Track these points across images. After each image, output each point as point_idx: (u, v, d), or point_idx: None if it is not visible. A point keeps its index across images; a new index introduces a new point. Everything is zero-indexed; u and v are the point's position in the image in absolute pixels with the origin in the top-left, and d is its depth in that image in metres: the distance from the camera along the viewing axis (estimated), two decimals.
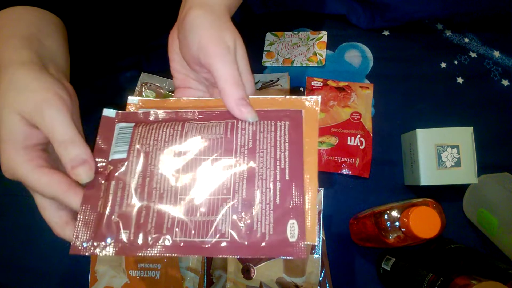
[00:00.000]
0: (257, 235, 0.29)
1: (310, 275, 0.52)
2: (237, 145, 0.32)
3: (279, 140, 0.32)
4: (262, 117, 0.33)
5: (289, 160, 0.31)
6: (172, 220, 0.30)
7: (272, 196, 0.30)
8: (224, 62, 0.32)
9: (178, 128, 0.33)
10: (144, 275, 0.53)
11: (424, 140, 0.53)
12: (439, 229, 0.42)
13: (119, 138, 0.33)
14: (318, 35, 0.65)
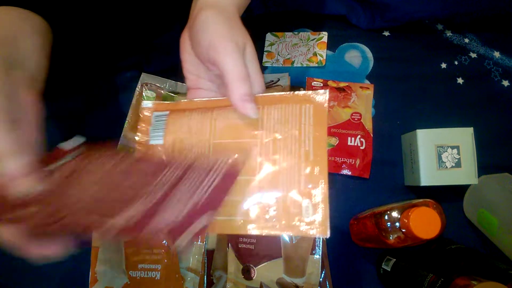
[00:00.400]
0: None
1: (310, 275, 0.52)
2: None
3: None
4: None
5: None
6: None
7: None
8: (232, 58, 0.32)
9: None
10: (144, 276, 0.53)
11: (424, 140, 0.53)
12: (439, 229, 0.42)
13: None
14: (318, 36, 0.65)
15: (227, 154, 0.33)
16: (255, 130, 0.33)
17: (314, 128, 0.33)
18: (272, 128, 0.33)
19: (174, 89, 0.61)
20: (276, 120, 0.33)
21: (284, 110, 0.34)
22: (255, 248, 0.53)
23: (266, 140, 0.33)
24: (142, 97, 0.60)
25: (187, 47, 0.37)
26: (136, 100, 0.60)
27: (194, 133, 0.34)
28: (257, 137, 0.33)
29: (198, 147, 0.34)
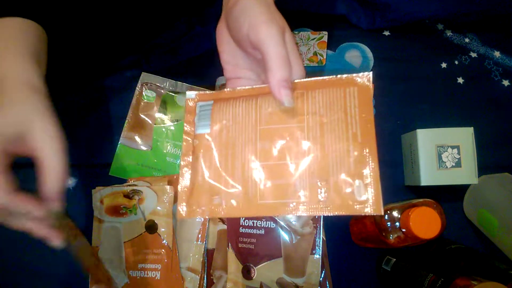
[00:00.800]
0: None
1: (310, 275, 0.52)
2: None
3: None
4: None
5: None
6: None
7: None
8: (273, 40, 0.32)
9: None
10: (144, 276, 0.53)
11: (424, 140, 0.53)
12: (440, 229, 0.42)
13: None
14: (319, 35, 0.65)
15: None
16: (301, 115, 0.34)
17: (360, 110, 0.33)
18: (318, 112, 0.33)
19: (174, 88, 0.61)
20: (321, 104, 0.34)
21: (328, 94, 0.34)
22: (255, 248, 0.53)
23: (312, 124, 0.33)
24: (142, 97, 0.60)
25: (224, 37, 0.37)
26: (136, 100, 0.60)
27: (240, 121, 0.35)
28: (303, 121, 0.33)
29: (245, 134, 0.34)
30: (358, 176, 0.32)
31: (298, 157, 0.33)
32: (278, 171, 0.33)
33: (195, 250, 0.54)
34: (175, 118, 0.60)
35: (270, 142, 0.34)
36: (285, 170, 0.33)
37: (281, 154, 0.33)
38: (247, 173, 0.33)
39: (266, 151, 0.34)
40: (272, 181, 0.33)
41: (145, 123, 0.59)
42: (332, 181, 0.32)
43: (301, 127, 0.33)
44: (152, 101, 0.60)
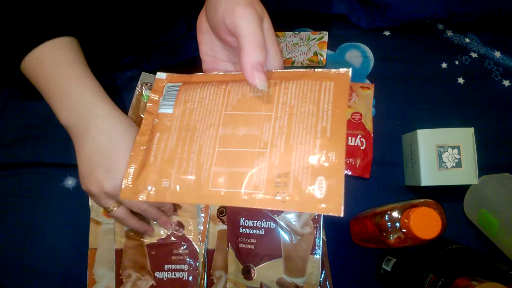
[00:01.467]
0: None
1: (310, 275, 0.52)
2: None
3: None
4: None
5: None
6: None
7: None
8: (249, 22, 0.31)
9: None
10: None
11: (425, 140, 0.53)
12: (440, 230, 0.42)
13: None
14: (319, 35, 0.65)
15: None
16: (270, 104, 0.32)
17: (334, 105, 0.31)
18: (288, 102, 0.32)
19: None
20: (293, 95, 0.32)
21: (303, 85, 0.32)
22: (255, 248, 0.53)
23: (280, 113, 0.32)
24: (142, 97, 0.60)
25: (203, 27, 0.36)
26: (136, 100, 0.60)
27: (206, 105, 0.34)
28: (271, 110, 0.32)
29: (208, 118, 0.33)
30: (321, 172, 0.29)
31: (260, 146, 0.31)
32: (236, 158, 0.31)
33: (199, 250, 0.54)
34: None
35: (232, 128, 0.32)
36: (244, 158, 0.31)
37: (242, 141, 0.31)
38: (203, 157, 0.32)
39: (227, 137, 0.32)
40: (229, 169, 0.31)
41: None
42: (292, 175, 0.30)
43: (268, 116, 0.32)
44: None
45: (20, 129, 0.60)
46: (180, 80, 0.37)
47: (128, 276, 0.52)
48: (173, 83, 0.36)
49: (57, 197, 0.57)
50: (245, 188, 0.30)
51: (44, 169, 0.58)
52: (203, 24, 0.37)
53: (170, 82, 0.37)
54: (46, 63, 0.39)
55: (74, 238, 0.56)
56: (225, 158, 0.31)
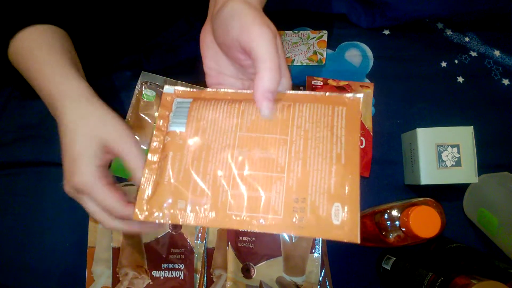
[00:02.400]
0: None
1: (310, 274, 0.52)
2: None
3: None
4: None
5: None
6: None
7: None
8: (267, 44, 0.31)
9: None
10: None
11: (424, 139, 0.53)
12: (439, 228, 0.42)
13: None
14: (319, 34, 0.65)
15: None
16: (285, 127, 0.32)
17: (347, 131, 0.32)
18: (303, 126, 0.32)
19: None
20: (307, 119, 0.32)
21: (316, 109, 0.32)
22: (255, 247, 0.53)
23: (296, 137, 0.32)
24: (141, 96, 0.60)
25: (209, 42, 0.36)
26: (135, 99, 0.60)
27: (219, 124, 0.33)
28: (287, 134, 0.32)
29: (223, 139, 0.32)
30: (338, 199, 0.30)
31: (277, 170, 0.31)
32: (253, 182, 0.31)
33: (195, 249, 0.54)
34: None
35: (248, 151, 0.32)
36: (261, 182, 0.31)
37: (259, 164, 0.31)
38: (220, 179, 0.31)
39: (244, 160, 0.32)
40: (246, 193, 0.31)
41: (145, 122, 0.59)
42: (309, 201, 0.30)
43: (284, 140, 0.32)
44: (152, 100, 0.60)
45: (20, 129, 0.60)
46: (189, 96, 0.36)
47: (125, 274, 0.52)
48: (182, 99, 0.36)
49: (57, 197, 0.57)
50: (262, 212, 0.30)
51: (44, 169, 0.58)
52: (208, 38, 0.36)
53: (179, 97, 0.36)
54: (26, 49, 0.39)
55: (73, 237, 0.56)
56: (243, 181, 0.31)
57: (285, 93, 0.34)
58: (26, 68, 0.39)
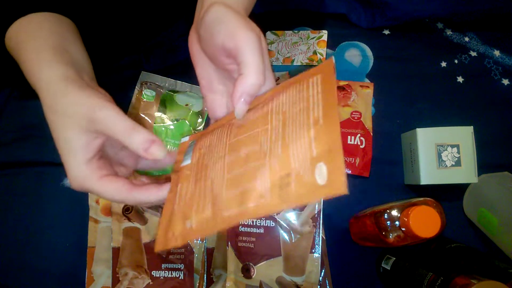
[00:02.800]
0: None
1: (310, 274, 0.52)
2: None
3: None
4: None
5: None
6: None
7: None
8: (253, 48, 0.31)
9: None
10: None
11: (424, 139, 0.53)
12: (439, 228, 0.42)
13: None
14: (319, 34, 0.65)
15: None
16: (265, 118, 0.33)
17: (323, 94, 0.31)
18: (281, 110, 0.32)
19: (174, 88, 0.61)
20: (284, 102, 0.32)
21: (292, 90, 0.33)
22: (255, 247, 0.53)
23: (275, 122, 0.32)
24: (141, 96, 0.60)
25: (196, 49, 0.36)
26: (135, 99, 0.60)
27: (214, 143, 0.35)
28: (267, 123, 0.32)
29: (217, 153, 0.34)
30: (320, 159, 0.28)
31: (260, 157, 0.31)
32: (242, 178, 0.31)
33: (195, 249, 0.54)
34: (174, 117, 0.60)
35: (236, 153, 0.33)
36: (248, 175, 0.31)
37: (244, 160, 0.32)
38: (216, 189, 0.32)
39: (232, 162, 0.32)
40: (237, 190, 0.31)
41: (144, 122, 0.59)
42: (294, 173, 0.29)
43: (265, 130, 0.32)
44: (151, 100, 0.60)
45: (20, 129, 0.60)
46: (199, 135, 0.38)
47: (124, 274, 0.52)
48: (193, 140, 0.38)
49: (57, 197, 0.57)
50: (252, 202, 0.30)
51: (44, 169, 0.58)
52: (195, 46, 0.36)
53: (192, 139, 0.39)
54: (18, 38, 0.38)
55: (73, 237, 0.56)
56: (234, 181, 0.32)
57: (267, 93, 0.35)
58: (16, 58, 0.38)
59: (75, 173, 0.34)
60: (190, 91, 0.61)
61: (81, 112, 0.33)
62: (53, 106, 0.34)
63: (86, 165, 0.34)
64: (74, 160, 0.34)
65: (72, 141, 0.34)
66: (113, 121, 0.33)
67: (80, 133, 0.34)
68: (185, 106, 0.60)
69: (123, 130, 0.33)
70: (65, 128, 0.34)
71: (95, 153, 0.35)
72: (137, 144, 0.33)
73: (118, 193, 0.34)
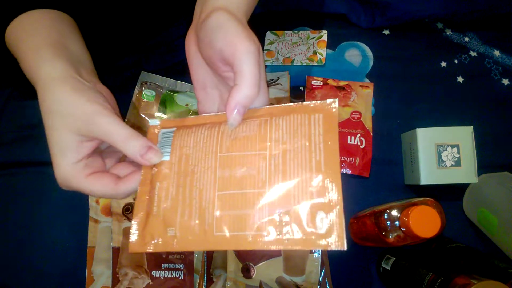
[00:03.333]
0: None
1: (310, 274, 0.52)
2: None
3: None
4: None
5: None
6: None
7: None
8: (251, 60, 0.31)
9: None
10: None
11: (424, 139, 0.53)
12: (439, 228, 0.42)
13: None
14: (318, 34, 0.65)
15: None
16: (264, 142, 0.32)
17: (325, 138, 0.31)
18: (281, 139, 0.32)
19: (174, 88, 0.61)
20: (285, 131, 0.32)
21: (293, 120, 0.33)
22: None
23: (275, 152, 0.32)
24: (141, 96, 0.60)
25: (193, 52, 0.36)
26: (135, 99, 0.60)
27: (201, 148, 0.34)
28: (265, 149, 0.32)
29: (205, 162, 0.33)
30: (321, 207, 0.30)
31: (259, 186, 0.31)
32: (237, 201, 0.31)
33: None
34: (174, 117, 0.60)
35: (230, 170, 0.32)
36: (244, 200, 0.31)
37: (240, 183, 0.31)
38: (205, 202, 0.32)
39: (226, 180, 0.32)
40: (230, 212, 0.31)
41: (145, 122, 0.59)
42: (293, 212, 0.30)
43: (263, 155, 0.32)
44: (151, 101, 0.60)
45: (20, 129, 0.60)
46: (173, 125, 0.36)
47: (124, 274, 0.52)
48: (167, 129, 0.36)
49: (57, 197, 0.57)
50: (248, 230, 0.30)
51: (43, 169, 0.58)
52: (192, 48, 0.36)
53: (164, 127, 0.37)
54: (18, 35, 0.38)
55: (73, 237, 0.56)
56: (226, 201, 0.31)
57: (260, 108, 0.34)
58: (16, 55, 0.38)
59: (63, 173, 0.34)
60: (190, 91, 0.61)
61: (78, 116, 0.33)
62: (49, 105, 0.34)
63: (74, 166, 0.34)
64: (62, 161, 0.34)
65: (64, 141, 0.34)
66: (111, 129, 0.33)
67: (74, 135, 0.34)
68: (185, 106, 0.60)
69: (121, 138, 0.33)
70: (59, 128, 0.34)
71: (86, 155, 0.35)
72: (134, 152, 0.33)
73: (105, 189, 0.34)
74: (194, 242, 0.31)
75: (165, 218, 0.32)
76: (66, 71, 0.35)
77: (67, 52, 0.37)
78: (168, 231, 0.32)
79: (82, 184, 0.34)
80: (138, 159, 0.34)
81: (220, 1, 0.34)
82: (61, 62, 0.36)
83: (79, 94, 0.34)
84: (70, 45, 0.38)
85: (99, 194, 0.34)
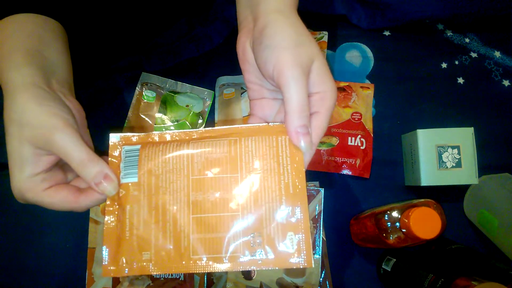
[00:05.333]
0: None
1: (310, 275, 0.52)
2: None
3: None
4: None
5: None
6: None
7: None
8: (295, 88, 0.31)
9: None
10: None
11: (424, 140, 0.53)
12: (440, 229, 0.42)
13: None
14: (319, 35, 0.65)
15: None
16: (235, 164, 0.33)
17: (292, 160, 0.33)
18: (251, 161, 0.33)
19: (175, 89, 0.61)
20: (254, 153, 0.33)
21: (261, 142, 0.34)
22: None
23: (245, 174, 0.33)
24: (142, 97, 0.60)
25: (248, 57, 0.36)
26: (136, 100, 0.60)
27: (171, 169, 0.33)
28: (237, 171, 0.33)
29: (177, 184, 0.33)
30: (290, 228, 0.32)
31: (232, 209, 0.32)
32: (211, 224, 0.32)
33: None
34: (175, 118, 0.60)
35: (203, 194, 0.33)
36: (219, 223, 0.32)
37: (215, 206, 0.32)
38: (179, 226, 0.32)
39: (199, 203, 0.32)
40: (205, 235, 0.32)
41: (145, 123, 0.59)
42: (265, 234, 0.32)
43: (235, 178, 0.33)
44: (152, 101, 0.60)
45: None
46: (137, 142, 0.35)
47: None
48: (130, 146, 0.35)
49: None
50: (224, 253, 0.32)
51: None
52: (248, 55, 0.36)
53: (127, 144, 0.35)
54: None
55: (74, 238, 0.56)
56: (201, 224, 0.32)
57: (228, 128, 0.35)
58: None
59: (18, 185, 0.33)
60: (191, 92, 0.61)
61: (35, 127, 0.32)
62: (11, 113, 0.33)
63: (31, 179, 0.33)
64: (19, 173, 0.32)
65: (22, 153, 0.32)
66: (68, 148, 0.32)
67: (31, 147, 0.32)
68: (185, 107, 0.60)
69: (77, 160, 0.32)
70: (17, 139, 0.32)
71: (44, 169, 0.33)
72: (89, 179, 0.32)
73: (65, 202, 0.33)
74: (171, 265, 0.32)
75: (139, 243, 0.32)
76: (32, 79, 0.33)
77: (41, 59, 0.36)
78: (143, 254, 0.32)
79: (39, 198, 0.33)
80: (93, 187, 0.33)
81: (272, 3, 0.34)
82: (30, 69, 0.34)
83: (40, 104, 0.32)
84: (47, 52, 0.37)
85: (59, 207, 0.33)
